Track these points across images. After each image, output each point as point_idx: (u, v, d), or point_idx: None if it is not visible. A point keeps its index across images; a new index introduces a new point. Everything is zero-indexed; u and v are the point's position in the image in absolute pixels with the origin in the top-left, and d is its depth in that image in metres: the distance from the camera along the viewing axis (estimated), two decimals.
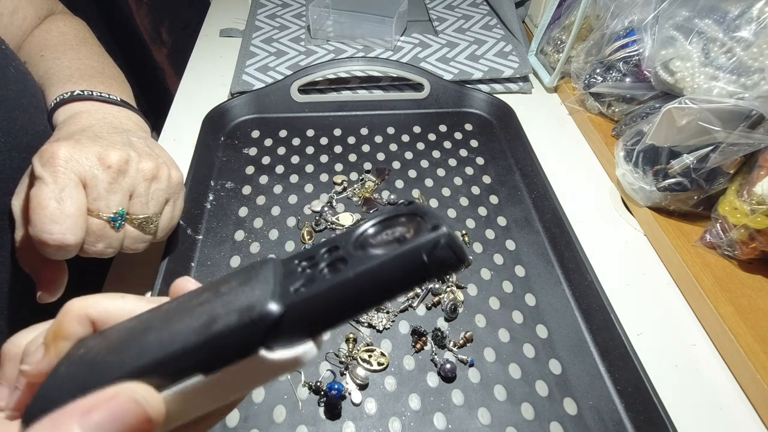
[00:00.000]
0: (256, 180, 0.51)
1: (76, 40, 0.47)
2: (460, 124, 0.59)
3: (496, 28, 0.71)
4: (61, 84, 0.40)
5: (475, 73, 0.62)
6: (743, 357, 0.36)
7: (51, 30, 0.47)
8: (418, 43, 0.67)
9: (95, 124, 0.36)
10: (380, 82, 0.61)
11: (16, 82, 0.37)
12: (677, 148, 0.44)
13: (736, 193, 0.42)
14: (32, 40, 0.46)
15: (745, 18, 0.41)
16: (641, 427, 0.34)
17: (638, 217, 0.49)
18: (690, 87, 0.44)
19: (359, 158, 0.54)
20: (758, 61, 0.40)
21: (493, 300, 0.41)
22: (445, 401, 0.35)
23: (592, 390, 0.36)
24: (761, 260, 0.42)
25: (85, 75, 0.42)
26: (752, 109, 0.39)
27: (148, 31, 0.89)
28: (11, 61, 0.37)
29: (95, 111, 0.38)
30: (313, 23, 0.69)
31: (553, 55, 0.65)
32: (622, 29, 0.53)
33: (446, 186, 0.51)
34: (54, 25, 0.48)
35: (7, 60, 0.37)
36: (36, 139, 0.38)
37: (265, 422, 0.34)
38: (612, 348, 0.37)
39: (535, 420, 0.35)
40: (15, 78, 0.37)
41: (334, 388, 0.34)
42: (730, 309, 0.39)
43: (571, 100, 0.61)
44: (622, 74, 0.54)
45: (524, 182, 0.52)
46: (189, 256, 0.43)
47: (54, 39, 0.46)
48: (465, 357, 0.37)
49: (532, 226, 0.47)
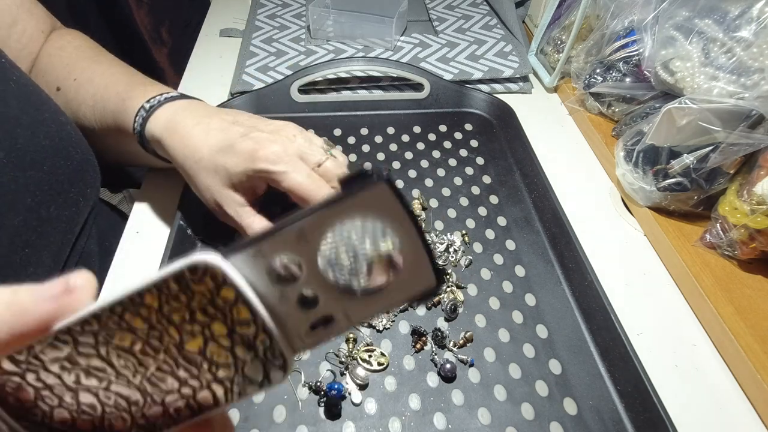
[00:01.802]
0: None
1: (92, 53, 0.47)
2: (460, 124, 0.59)
3: (496, 28, 0.71)
4: (123, 100, 0.41)
5: (475, 73, 0.62)
6: (743, 357, 0.36)
7: (65, 47, 0.47)
8: (418, 43, 0.67)
9: (212, 115, 0.40)
10: (380, 82, 0.61)
11: (17, 98, 0.36)
12: (677, 148, 0.44)
13: (736, 193, 0.42)
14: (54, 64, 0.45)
15: (745, 18, 0.41)
16: (641, 427, 0.34)
17: (638, 217, 0.49)
18: (690, 87, 0.44)
19: (359, 158, 0.54)
20: (758, 61, 0.40)
21: (493, 300, 0.41)
22: (445, 401, 0.36)
23: (592, 390, 0.36)
24: (761, 260, 0.42)
25: (133, 83, 0.43)
26: (752, 109, 0.39)
27: (148, 31, 0.89)
28: (11, 75, 0.37)
29: (186, 108, 0.40)
30: (313, 23, 0.69)
31: (553, 55, 0.65)
32: (622, 29, 0.53)
33: (446, 186, 0.51)
34: (64, 42, 0.47)
35: (7, 74, 0.36)
36: (39, 156, 0.37)
37: (265, 422, 0.34)
38: (612, 348, 0.37)
39: (535, 420, 0.35)
40: (15, 93, 0.36)
41: (334, 388, 0.34)
42: (730, 309, 0.39)
43: (571, 100, 0.61)
44: (622, 74, 0.54)
45: (524, 182, 0.52)
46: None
47: (72, 56, 0.46)
48: (465, 357, 0.37)
49: (532, 226, 0.47)
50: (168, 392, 0.17)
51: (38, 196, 0.37)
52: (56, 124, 0.40)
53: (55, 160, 0.39)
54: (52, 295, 0.16)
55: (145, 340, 0.17)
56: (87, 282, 0.16)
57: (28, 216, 0.36)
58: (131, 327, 0.16)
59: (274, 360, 0.17)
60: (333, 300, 0.17)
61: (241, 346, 0.17)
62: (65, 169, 0.40)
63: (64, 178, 0.40)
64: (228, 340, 0.17)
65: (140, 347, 0.17)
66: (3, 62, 0.36)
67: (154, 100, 0.40)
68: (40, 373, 0.17)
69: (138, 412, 0.18)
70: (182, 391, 0.17)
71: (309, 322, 0.17)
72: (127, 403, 0.18)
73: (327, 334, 0.17)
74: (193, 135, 0.38)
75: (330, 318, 0.17)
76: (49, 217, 0.39)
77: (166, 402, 0.18)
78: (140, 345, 0.17)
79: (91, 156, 0.43)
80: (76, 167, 0.41)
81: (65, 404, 0.17)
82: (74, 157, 0.41)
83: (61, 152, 0.39)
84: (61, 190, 0.40)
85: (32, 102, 0.38)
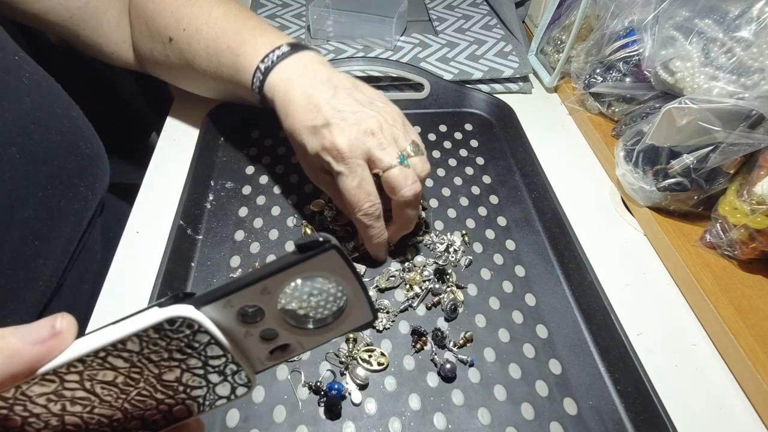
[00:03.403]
0: (256, 180, 0.51)
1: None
2: (460, 124, 0.59)
3: (496, 28, 0.71)
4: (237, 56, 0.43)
5: (475, 73, 0.62)
6: (743, 357, 0.36)
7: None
8: (418, 43, 0.67)
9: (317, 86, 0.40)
10: (380, 82, 0.61)
11: (30, 93, 0.37)
12: (677, 148, 0.44)
13: (736, 193, 0.42)
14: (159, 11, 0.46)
15: (745, 18, 0.41)
16: (641, 427, 0.34)
17: (638, 217, 0.49)
18: (690, 87, 0.44)
19: None
20: (758, 61, 0.40)
21: (493, 300, 0.41)
22: (445, 401, 0.35)
23: (592, 390, 0.36)
24: (761, 260, 0.42)
25: (242, 33, 0.44)
26: (752, 109, 0.39)
27: None
28: (24, 71, 0.37)
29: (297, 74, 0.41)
30: (313, 23, 0.69)
31: (553, 55, 0.65)
32: (622, 29, 0.53)
33: (446, 186, 0.51)
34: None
35: (20, 70, 0.37)
36: (51, 151, 0.38)
37: (265, 422, 0.34)
38: (612, 348, 0.37)
39: (535, 420, 0.35)
40: (28, 89, 0.37)
41: (334, 388, 0.34)
42: (730, 309, 0.39)
43: (571, 100, 0.61)
44: (622, 74, 0.54)
45: (524, 182, 0.52)
46: (189, 256, 0.43)
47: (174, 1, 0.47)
48: (465, 357, 0.37)
49: (532, 226, 0.47)
50: (147, 410, 0.20)
51: (49, 190, 0.38)
52: (68, 120, 0.40)
53: (66, 155, 0.39)
54: (41, 339, 0.17)
55: (126, 375, 0.19)
56: (70, 324, 0.18)
57: (39, 210, 0.37)
58: (114, 366, 0.18)
59: (240, 381, 0.20)
60: (289, 334, 0.20)
61: (213, 374, 0.20)
62: (75, 164, 0.40)
63: (74, 173, 0.40)
64: (201, 369, 0.19)
65: (122, 380, 0.19)
66: (17, 59, 0.37)
67: (268, 60, 0.42)
68: (27, 405, 0.18)
69: (119, 427, 0.20)
70: (159, 407, 0.20)
71: (269, 349, 0.20)
72: (109, 420, 0.20)
73: (284, 356, 0.21)
74: (295, 109, 0.40)
75: (286, 345, 0.21)
76: (59, 211, 0.39)
77: (145, 417, 0.20)
78: (122, 378, 0.19)
79: (101, 150, 0.44)
80: (86, 162, 0.42)
81: (51, 427, 0.19)
82: (84, 152, 0.41)
83: (71, 147, 0.40)
84: (71, 185, 0.40)
85: (45, 98, 0.38)
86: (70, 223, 0.41)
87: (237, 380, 0.20)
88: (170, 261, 0.40)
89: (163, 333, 0.18)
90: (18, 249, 0.35)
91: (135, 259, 0.43)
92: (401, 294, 0.42)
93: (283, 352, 0.21)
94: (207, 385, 0.20)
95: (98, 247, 0.49)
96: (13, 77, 0.35)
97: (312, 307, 0.20)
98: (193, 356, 0.19)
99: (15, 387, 0.17)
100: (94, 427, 0.19)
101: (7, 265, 0.35)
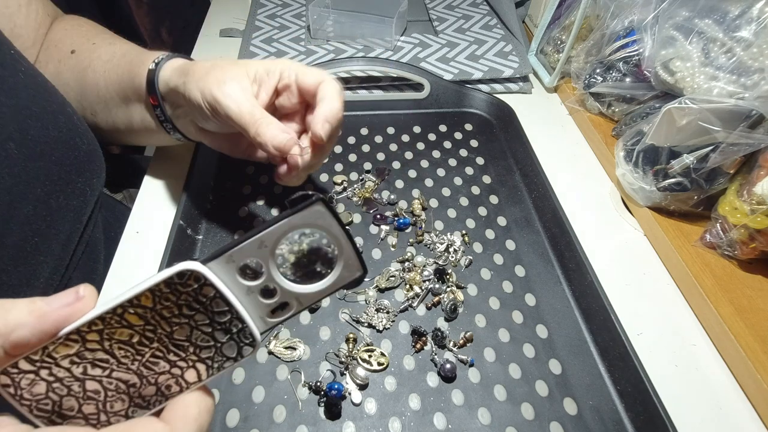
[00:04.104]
0: (256, 180, 0.51)
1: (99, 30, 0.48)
2: (460, 124, 0.59)
3: (496, 28, 0.71)
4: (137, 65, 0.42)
5: (475, 73, 0.62)
6: (743, 357, 0.36)
7: (82, 24, 0.48)
8: (418, 43, 0.67)
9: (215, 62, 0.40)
10: (380, 82, 0.61)
11: (26, 88, 0.37)
12: (677, 148, 0.44)
13: (736, 193, 0.42)
14: (70, 33, 0.46)
15: (745, 18, 0.41)
16: (641, 427, 0.34)
17: (638, 217, 0.49)
18: (690, 87, 0.44)
19: (359, 158, 0.54)
20: (758, 61, 0.40)
21: (493, 300, 0.41)
22: (445, 401, 0.35)
23: (592, 390, 0.36)
24: (761, 260, 0.42)
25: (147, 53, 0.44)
26: (752, 109, 0.39)
27: (148, 31, 0.89)
28: (20, 66, 0.37)
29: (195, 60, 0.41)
30: (313, 23, 0.69)
31: (553, 55, 0.65)
32: (622, 29, 0.53)
33: (446, 186, 0.51)
34: (75, 22, 0.48)
35: (17, 65, 0.37)
36: (49, 146, 0.38)
37: (265, 422, 0.34)
38: (612, 348, 0.37)
39: (535, 420, 0.35)
40: (25, 84, 0.37)
41: (334, 388, 0.34)
42: (730, 309, 0.39)
43: (571, 100, 0.61)
44: (622, 74, 0.54)
45: (524, 182, 0.52)
46: (189, 256, 0.43)
47: (91, 30, 0.47)
48: (465, 357, 0.37)
49: (532, 226, 0.47)
50: (160, 373, 0.21)
51: (48, 186, 0.38)
52: (64, 115, 0.40)
53: (64, 150, 0.39)
54: (66, 303, 0.20)
55: (141, 333, 0.20)
56: (92, 292, 0.20)
57: (38, 206, 0.37)
58: (130, 324, 0.20)
59: (245, 339, 0.22)
60: (287, 290, 0.22)
61: (220, 331, 0.21)
62: (73, 159, 0.40)
63: (72, 169, 0.40)
64: (209, 327, 0.21)
65: (137, 339, 0.21)
66: (12, 53, 0.37)
67: (162, 56, 0.41)
68: (53, 369, 0.20)
69: (135, 393, 0.21)
70: (172, 371, 0.21)
71: (270, 308, 0.22)
72: (126, 386, 0.21)
73: (284, 315, 0.23)
74: (203, 66, 0.39)
75: (286, 303, 0.22)
76: (58, 207, 0.39)
77: (158, 382, 0.21)
78: (137, 337, 0.20)
79: (96, 146, 0.44)
80: (83, 157, 0.42)
81: (73, 392, 0.21)
82: (81, 147, 0.41)
83: (68, 142, 0.40)
84: (69, 180, 0.40)
85: (41, 93, 0.38)
86: (69, 219, 0.41)
87: (242, 338, 0.22)
88: (170, 261, 0.40)
89: (174, 287, 0.20)
90: (18, 246, 0.35)
91: (135, 259, 0.43)
92: (401, 294, 0.42)
93: (283, 311, 0.22)
94: (215, 345, 0.21)
95: (101, 246, 0.49)
96: (9, 72, 0.35)
97: (305, 256, 0.22)
98: (200, 311, 0.21)
99: (42, 349, 0.19)
100: (111, 392, 0.21)
101: (8, 262, 0.35)
